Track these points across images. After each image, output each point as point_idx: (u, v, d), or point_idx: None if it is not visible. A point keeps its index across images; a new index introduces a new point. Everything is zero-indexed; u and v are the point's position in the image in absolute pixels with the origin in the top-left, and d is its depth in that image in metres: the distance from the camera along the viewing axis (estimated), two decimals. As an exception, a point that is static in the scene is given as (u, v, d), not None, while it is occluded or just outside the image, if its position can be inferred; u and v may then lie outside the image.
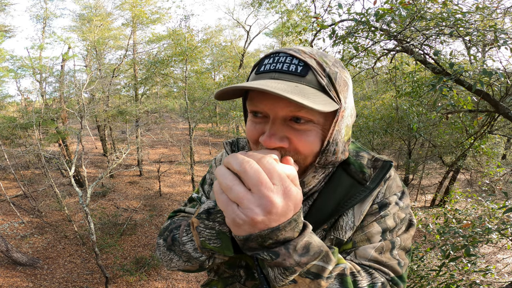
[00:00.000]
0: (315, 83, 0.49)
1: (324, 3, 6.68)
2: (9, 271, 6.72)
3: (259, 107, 0.51)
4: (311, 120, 0.50)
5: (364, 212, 0.56)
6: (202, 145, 17.73)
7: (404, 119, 6.36)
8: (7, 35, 11.25)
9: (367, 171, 0.58)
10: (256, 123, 0.53)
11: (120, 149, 9.65)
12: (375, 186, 0.56)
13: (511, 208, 1.84)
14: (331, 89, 0.50)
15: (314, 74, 0.49)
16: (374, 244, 0.55)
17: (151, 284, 6.81)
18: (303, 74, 0.49)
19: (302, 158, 0.52)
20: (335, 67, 0.52)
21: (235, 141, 0.74)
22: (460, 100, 3.00)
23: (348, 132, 0.57)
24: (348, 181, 0.57)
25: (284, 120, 0.50)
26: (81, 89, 8.46)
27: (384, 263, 0.54)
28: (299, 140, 0.50)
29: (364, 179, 0.57)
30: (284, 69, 0.49)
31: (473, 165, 7.83)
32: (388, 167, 0.57)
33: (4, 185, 10.21)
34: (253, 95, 0.52)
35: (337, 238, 0.56)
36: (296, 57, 0.50)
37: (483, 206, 3.27)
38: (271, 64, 0.51)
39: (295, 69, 0.49)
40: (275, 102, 0.49)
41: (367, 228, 0.56)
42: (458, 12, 2.38)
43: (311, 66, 0.49)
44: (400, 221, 0.57)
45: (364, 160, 0.60)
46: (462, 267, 2.60)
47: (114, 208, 10.11)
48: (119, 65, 12.71)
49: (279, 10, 11.46)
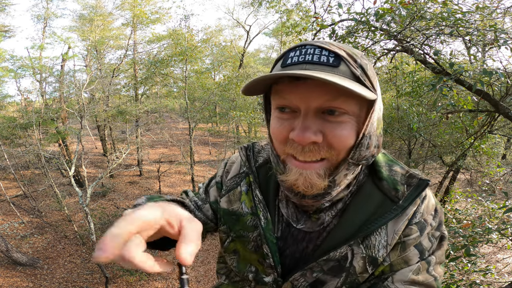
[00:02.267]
0: (349, 74, 0.46)
1: (324, 3, 6.68)
2: (9, 271, 6.72)
3: (288, 99, 0.48)
4: (346, 111, 0.47)
5: (399, 231, 0.52)
6: (202, 145, 17.72)
7: (404, 119, 6.35)
8: (7, 35, 11.25)
9: (401, 188, 0.54)
10: (284, 119, 0.50)
11: (120, 149, 9.65)
12: (408, 205, 0.52)
13: (511, 208, 1.84)
14: (366, 79, 0.48)
15: (347, 64, 0.46)
16: (411, 266, 0.52)
17: (151, 284, 6.81)
18: (335, 64, 0.46)
19: (335, 153, 0.49)
20: (364, 59, 0.50)
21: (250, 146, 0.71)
22: (460, 100, 3.00)
23: (379, 125, 0.53)
24: (379, 197, 0.54)
25: (317, 112, 0.47)
26: (81, 89, 8.45)
27: (421, 283, 0.52)
28: (334, 133, 0.47)
29: (397, 196, 0.53)
30: (315, 60, 0.46)
31: (473, 165, 7.83)
32: (424, 186, 0.53)
33: (4, 185, 10.21)
34: (281, 87, 0.49)
35: (369, 256, 0.53)
36: (326, 48, 0.47)
37: (483, 206, 3.27)
38: (299, 56, 0.48)
39: (326, 60, 0.46)
40: (307, 92, 0.46)
41: (405, 252, 0.53)
42: (458, 11, 2.38)
43: (342, 57, 0.46)
44: (435, 239, 0.55)
45: (397, 176, 0.56)
46: (462, 267, 2.60)
47: (114, 208, 10.10)
48: (119, 65, 12.71)
49: (279, 9, 11.46)
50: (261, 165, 0.67)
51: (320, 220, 0.56)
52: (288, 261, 0.58)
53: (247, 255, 0.63)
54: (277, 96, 0.50)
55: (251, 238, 0.61)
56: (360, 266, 0.52)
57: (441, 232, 0.56)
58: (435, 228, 0.55)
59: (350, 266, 0.52)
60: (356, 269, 0.52)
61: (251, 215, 0.62)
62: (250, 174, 0.65)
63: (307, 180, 0.49)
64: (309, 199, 0.53)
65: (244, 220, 0.63)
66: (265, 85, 0.51)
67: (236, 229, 0.64)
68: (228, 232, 0.66)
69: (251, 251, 0.61)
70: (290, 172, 0.51)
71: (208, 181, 0.78)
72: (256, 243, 0.61)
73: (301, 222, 0.58)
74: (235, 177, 0.70)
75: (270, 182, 0.63)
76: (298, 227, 0.58)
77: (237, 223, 0.64)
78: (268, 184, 0.63)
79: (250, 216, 0.62)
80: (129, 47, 13.35)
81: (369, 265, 0.52)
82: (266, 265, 0.59)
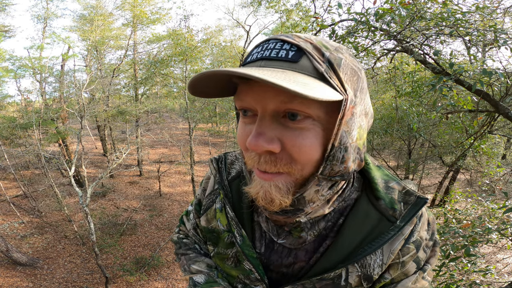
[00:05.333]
0: (311, 70, 0.39)
1: (324, 3, 6.68)
2: (9, 271, 6.72)
3: (245, 101, 0.42)
4: (310, 116, 0.40)
5: (395, 251, 0.50)
6: (202, 145, 17.73)
7: (404, 119, 6.35)
8: (7, 35, 11.25)
9: (398, 207, 0.50)
10: (246, 123, 0.45)
11: (120, 149, 9.64)
12: (405, 224, 0.49)
13: (511, 208, 1.84)
14: (332, 76, 0.40)
15: (309, 58, 0.40)
16: (410, 277, 0.53)
17: (151, 284, 6.81)
18: (295, 59, 0.40)
19: (298, 168, 0.42)
20: (338, 52, 0.42)
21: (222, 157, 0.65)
22: (460, 100, 3.00)
23: (362, 135, 0.46)
24: (375, 217, 0.50)
25: (274, 116, 0.41)
26: (81, 89, 8.46)
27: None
28: (293, 143, 0.40)
29: (394, 216, 0.50)
30: (272, 56, 0.40)
31: (473, 165, 7.83)
32: (421, 205, 0.50)
33: (4, 185, 10.21)
34: (239, 89, 0.43)
35: (365, 274, 0.51)
36: (288, 41, 0.41)
37: (483, 206, 3.27)
38: (258, 53, 0.42)
39: (285, 54, 0.40)
40: (262, 92, 0.40)
41: (404, 268, 0.52)
42: (458, 12, 2.38)
43: (305, 50, 0.40)
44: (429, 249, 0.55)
45: (394, 193, 0.52)
46: (462, 267, 2.60)
47: (114, 208, 10.10)
48: (119, 65, 12.71)
49: (278, 9, 11.45)
50: (234, 177, 0.61)
51: (302, 239, 0.52)
52: (274, 275, 0.55)
53: (228, 271, 0.61)
54: (237, 98, 0.44)
55: (230, 255, 0.59)
56: (355, 282, 0.51)
57: (433, 241, 0.55)
58: (428, 239, 0.54)
59: (346, 283, 0.51)
60: (352, 285, 0.51)
61: (227, 233, 0.59)
62: (220, 189, 0.60)
63: (266, 194, 0.43)
64: (279, 215, 0.49)
65: (222, 237, 0.60)
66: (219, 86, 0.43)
67: (219, 245, 0.62)
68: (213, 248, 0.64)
69: (231, 267, 0.60)
70: (252, 183, 0.46)
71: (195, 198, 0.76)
72: (235, 259, 0.58)
73: (281, 237, 0.53)
74: (210, 194, 0.66)
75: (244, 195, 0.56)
76: (279, 242, 0.54)
77: (219, 240, 0.61)
78: (241, 198, 0.58)
79: (227, 233, 0.59)
80: (129, 47, 13.35)
81: (364, 281, 0.51)
82: (252, 279, 0.57)
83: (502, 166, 5.37)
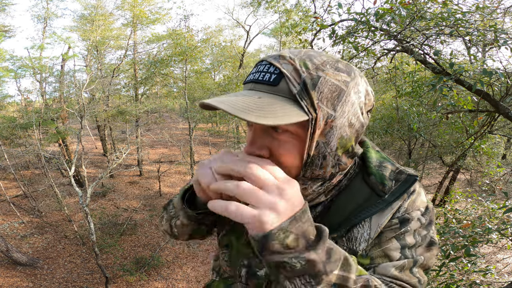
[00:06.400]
0: (287, 92, 0.46)
1: (324, 3, 6.68)
2: (9, 271, 6.72)
3: None
4: (288, 130, 0.47)
5: (382, 225, 0.52)
6: (202, 145, 17.73)
7: (404, 119, 6.36)
8: (7, 35, 11.25)
9: (388, 183, 0.54)
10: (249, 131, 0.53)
11: (120, 149, 9.64)
12: (394, 199, 0.52)
13: (511, 208, 1.84)
14: (304, 98, 0.45)
15: (286, 82, 0.46)
16: (394, 262, 0.51)
17: (151, 284, 6.81)
18: (274, 83, 0.47)
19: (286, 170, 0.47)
20: (319, 70, 0.47)
21: None
22: (460, 100, 3.00)
23: (345, 144, 0.51)
24: (366, 192, 0.54)
25: (263, 128, 0.49)
26: (81, 89, 8.46)
27: (405, 280, 0.51)
28: (278, 151, 0.49)
29: (383, 191, 0.53)
30: (259, 79, 0.48)
31: (473, 165, 7.83)
32: (412, 181, 0.53)
33: (4, 185, 10.21)
34: None
35: (350, 249, 0.52)
36: (274, 64, 0.48)
37: (483, 206, 3.27)
38: (253, 74, 0.50)
39: (269, 78, 0.47)
40: None
41: (385, 244, 0.52)
42: (458, 12, 2.38)
43: (284, 73, 0.46)
44: (421, 239, 0.53)
45: (386, 171, 0.56)
46: (462, 267, 2.60)
47: (114, 208, 10.11)
48: (119, 65, 12.72)
49: (278, 10, 11.45)
50: None
51: None
52: None
53: (240, 249, 0.62)
54: None
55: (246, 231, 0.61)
56: None
57: (430, 235, 0.54)
58: (423, 226, 0.54)
59: None
60: None
61: None
62: None
63: None
64: None
65: None
66: None
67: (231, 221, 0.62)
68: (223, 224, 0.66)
69: (245, 244, 0.61)
70: None
71: None
72: None
73: None
74: None
75: None
76: None
77: None
78: None
79: None
80: (129, 47, 13.36)
81: None
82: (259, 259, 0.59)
83: (502, 166, 5.37)
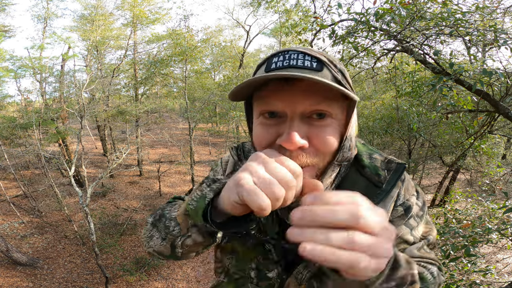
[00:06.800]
0: (331, 78, 0.48)
1: (324, 3, 6.68)
2: (9, 271, 6.72)
3: (274, 105, 0.48)
4: (331, 114, 0.48)
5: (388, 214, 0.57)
6: (202, 145, 17.72)
7: (404, 119, 6.35)
8: (7, 35, 11.24)
9: (382, 173, 0.58)
10: (269, 125, 0.50)
11: (120, 149, 9.64)
12: (391, 188, 0.56)
13: (511, 208, 1.84)
14: (346, 83, 0.50)
15: (329, 69, 0.49)
16: (415, 245, 0.58)
17: (151, 284, 6.81)
18: (319, 69, 0.48)
19: (321, 158, 0.49)
20: (341, 65, 0.52)
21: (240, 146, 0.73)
22: (460, 100, 2.99)
23: (356, 127, 0.57)
24: (363, 183, 0.57)
25: (302, 117, 0.47)
26: (81, 89, 8.45)
27: (427, 257, 0.58)
28: (319, 137, 0.48)
29: (379, 181, 0.57)
30: (299, 65, 0.47)
31: (473, 165, 7.82)
32: (402, 169, 0.58)
33: (4, 185, 10.21)
34: (265, 93, 0.49)
35: None
36: (308, 54, 0.49)
37: (483, 206, 3.26)
38: (283, 61, 0.48)
39: (310, 64, 0.47)
40: (293, 97, 0.46)
41: (399, 231, 0.57)
42: (458, 12, 2.38)
43: (324, 62, 0.48)
44: (419, 219, 0.60)
45: (377, 162, 0.60)
46: (462, 267, 2.60)
47: (114, 208, 10.11)
48: (119, 65, 12.71)
49: (278, 10, 11.45)
50: None
51: None
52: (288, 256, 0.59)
53: (246, 253, 0.63)
54: (262, 102, 0.50)
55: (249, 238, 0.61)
56: None
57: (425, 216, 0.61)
58: (419, 208, 0.60)
59: None
60: None
61: None
62: None
63: None
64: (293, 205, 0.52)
65: None
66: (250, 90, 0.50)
67: None
68: None
69: (251, 249, 0.61)
70: None
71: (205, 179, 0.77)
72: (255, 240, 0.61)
73: None
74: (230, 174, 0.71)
75: None
76: None
77: None
78: None
79: None
80: (129, 47, 13.35)
81: None
82: (269, 261, 0.60)
83: (502, 166, 5.37)
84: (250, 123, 0.59)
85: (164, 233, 0.57)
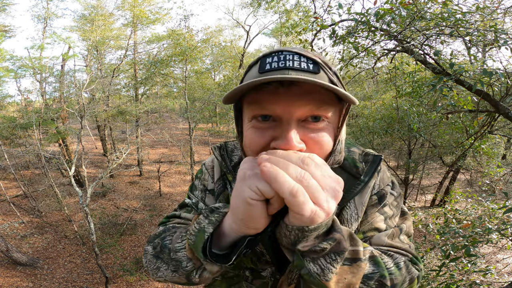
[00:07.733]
0: (327, 80, 0.47)
1: (324, 3, 6.67)
2: (9, 271, 6.72)
3: (269, 109, 0.46)
4: (326, 118, 0.48)
5: (365, 203, 0.59)
6: (202, 145, 17.73)
7: (404, 119, 6.35)
8: (7, 35, 11.24)
9: (360, 165, 0.61)
10: (264, 129, 0.48)
11: (120, 149, 9.64)
12: (369, 179, 0.59)
13: (511, 208, 1.84)
14: (341, 86, 0.50)
15: (325, 71, 0.48)
16: (385, 232, 0.59)
17: (151, 284, 6.81)
18: (316, 71, 0.46)
19: None
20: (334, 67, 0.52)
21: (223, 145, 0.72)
22: (460, 100, 3.00)
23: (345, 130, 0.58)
24: (343, 176, 0.57)
25: (298, 121, 0.47)
26: (81, 89, 8.46)
27: (398, 247, 0.58)
28: (315, 141, 0.47)
29: (358, 173, 0.60)
30: (296, 67, 0.45)
31: (473, 165, 7.83)
32: (378, 161, 0.61)
33: (4, 185, 10.21)
34: (260, 96, 0.47)
35: None
36: (304, 55, 0.47)
37: (483, 206, 3.27)
38: (278, 62, 0.46)
39: (307, 66, 0.46)
40: (290, 101, 0.45)
41: (371, 218, 0.60)
42: (458, 12, 2.38)
43: (320, 64, 0.48)
44: (395, 209, 0.62)
45: (355, 155, 0.63)
46: (462, 267, 2.60)
47: (114, 208, 10.10)
48: (119, 65, 12.71)
49: (278, 10, 11.44)
50: (236, 163, 0.67)
51: None
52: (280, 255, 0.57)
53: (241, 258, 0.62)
54: (256, 106, 0.48)
55: None
56: None
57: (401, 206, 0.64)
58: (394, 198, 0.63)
59: None
60: None
61: None
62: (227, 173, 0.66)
63: None
64: None
65: None
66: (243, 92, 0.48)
67: None
68: None
69: None
70: None
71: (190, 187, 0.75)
72: None
73: None
74: (219, 179, 0.70)
75: None
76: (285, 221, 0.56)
77: None
78: None
79: None
80: (129, 47, 13.35)
81: None
82: (262, 261, 0.60)
83: (502, 166, 5.37)
84: (239, 126, 0.56)
85: (173, 266, 0.54)
